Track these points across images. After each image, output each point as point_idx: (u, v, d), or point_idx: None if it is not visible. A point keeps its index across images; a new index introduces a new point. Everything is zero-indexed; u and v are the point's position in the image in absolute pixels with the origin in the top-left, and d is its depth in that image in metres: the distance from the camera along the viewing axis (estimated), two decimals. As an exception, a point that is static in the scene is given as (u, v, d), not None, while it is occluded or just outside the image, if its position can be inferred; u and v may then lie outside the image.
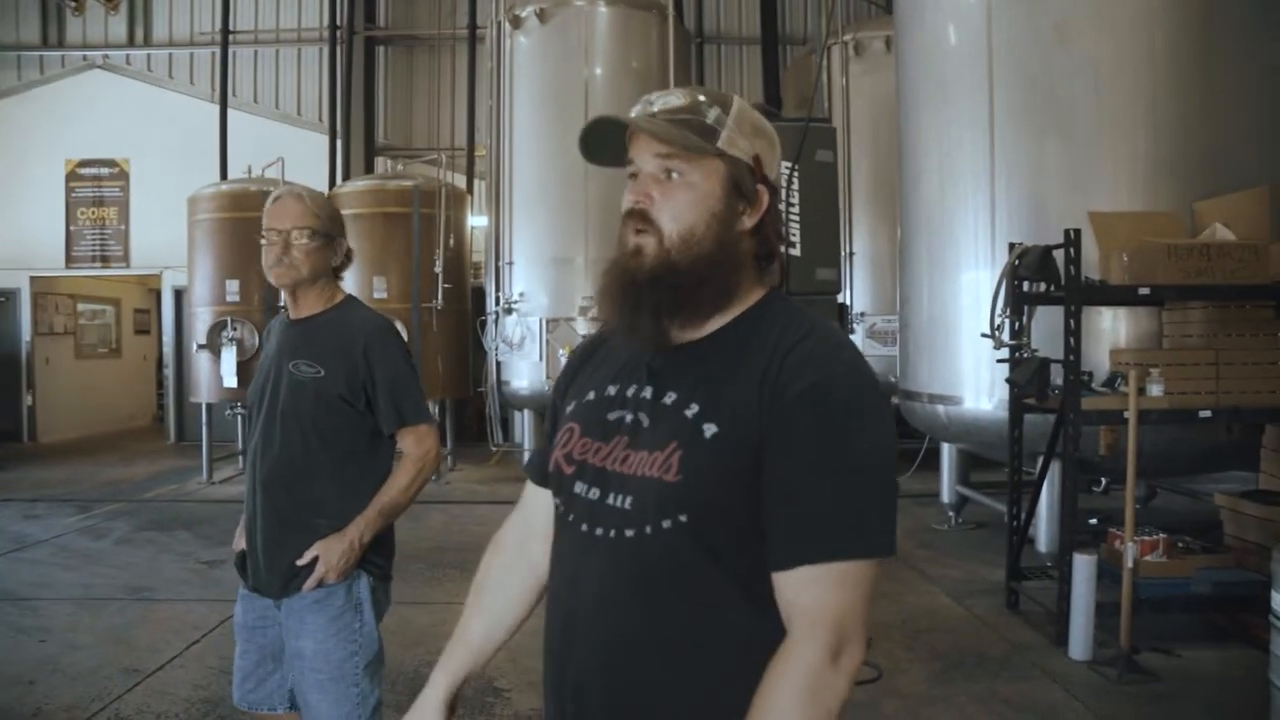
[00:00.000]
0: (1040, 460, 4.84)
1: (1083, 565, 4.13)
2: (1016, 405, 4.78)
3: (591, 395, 1.28)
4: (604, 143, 1.24)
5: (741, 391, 1.14)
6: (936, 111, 5.77)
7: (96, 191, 12.00)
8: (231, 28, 11.66)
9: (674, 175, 1.18)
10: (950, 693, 3.82)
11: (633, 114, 1.21)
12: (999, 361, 4.90)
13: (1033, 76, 5.22)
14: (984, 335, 4.79)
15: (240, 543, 2.37)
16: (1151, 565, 4.30)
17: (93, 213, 12.01)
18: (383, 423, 2.29)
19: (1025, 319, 4.68)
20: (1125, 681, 3.86)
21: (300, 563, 2.20)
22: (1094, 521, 4.98)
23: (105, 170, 11.98)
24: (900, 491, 4.89)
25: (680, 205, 1.17)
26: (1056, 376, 4.44)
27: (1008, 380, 4.70)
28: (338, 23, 11.51)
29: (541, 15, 9.10)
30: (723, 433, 1.13)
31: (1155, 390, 4.32)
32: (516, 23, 9.30)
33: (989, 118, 5.29)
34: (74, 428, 12.60)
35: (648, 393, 1.21)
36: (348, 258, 2.37)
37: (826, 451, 1.09)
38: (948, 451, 6.79)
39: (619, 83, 9.06)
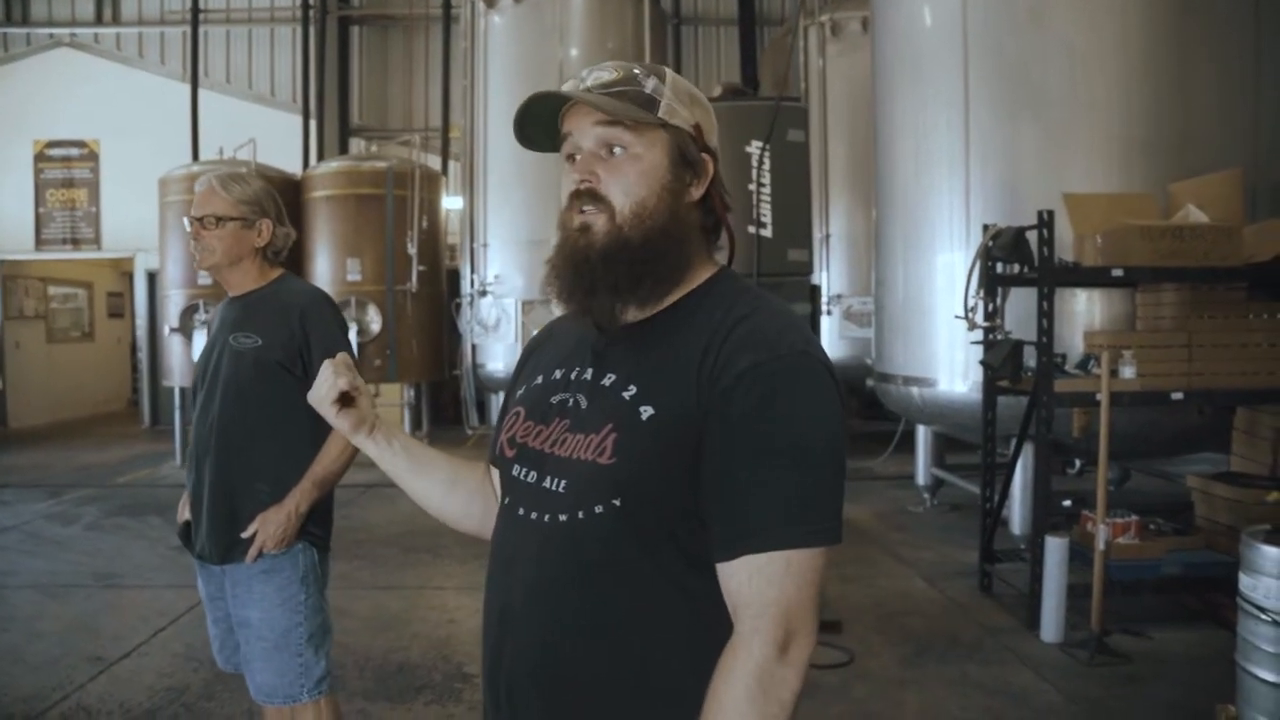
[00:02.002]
0: (1014, 442, 4.84)
1: (1055, 548, 4.14)
2: (990, 387, 4.77)
3: (539, 379, 1.25)
4: (538, 126, 1.19)
5: (680, 373, 1.10)
6: (912, 93, 5.73)
7: (66, 173, 11.79)
8: (203, 6, 11.44)
9: (616, 150, 1.13)
10: (921, 676, 3.82)
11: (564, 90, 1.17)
12: (973, 344, 4.89)
13: (1007, 59, 5.19)
14: (958, 317, 4.77)
15: (184, 513, 2.44)
16: (1123, 547, 4.31)
17: (63, 194, 11.81)
18: None
19: (999, 301, 4.67)
20: (1096, 663, 3.87)
21: (244, 535, 2.26)
22: (1067, 504, 5.00)
23: (75, 151, 11.77)
24: (875, 474, 4.89)
25: (629, 179, 1.13)
26: (1030, 359, 4.43)
27: (981, 362, 4.69)
28: (310, 2, 11.32)
29: (517, -6, 8.99)
30: (659, 415, 1.09)
31: (1128, 372, 4.32)
32: (491, 2, 9.19)
33: (964, 100, 5.26)
34: (46, 413, 12.44)
35: (588, 374, 1.18)
36: (284, 238, 2.44)
37: (766, 437, 1.04)
38: (923, 434, 6.80)
39: (595, 63, 8.94)
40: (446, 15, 11.02)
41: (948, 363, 5.58)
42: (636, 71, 1.16)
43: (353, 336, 8.96)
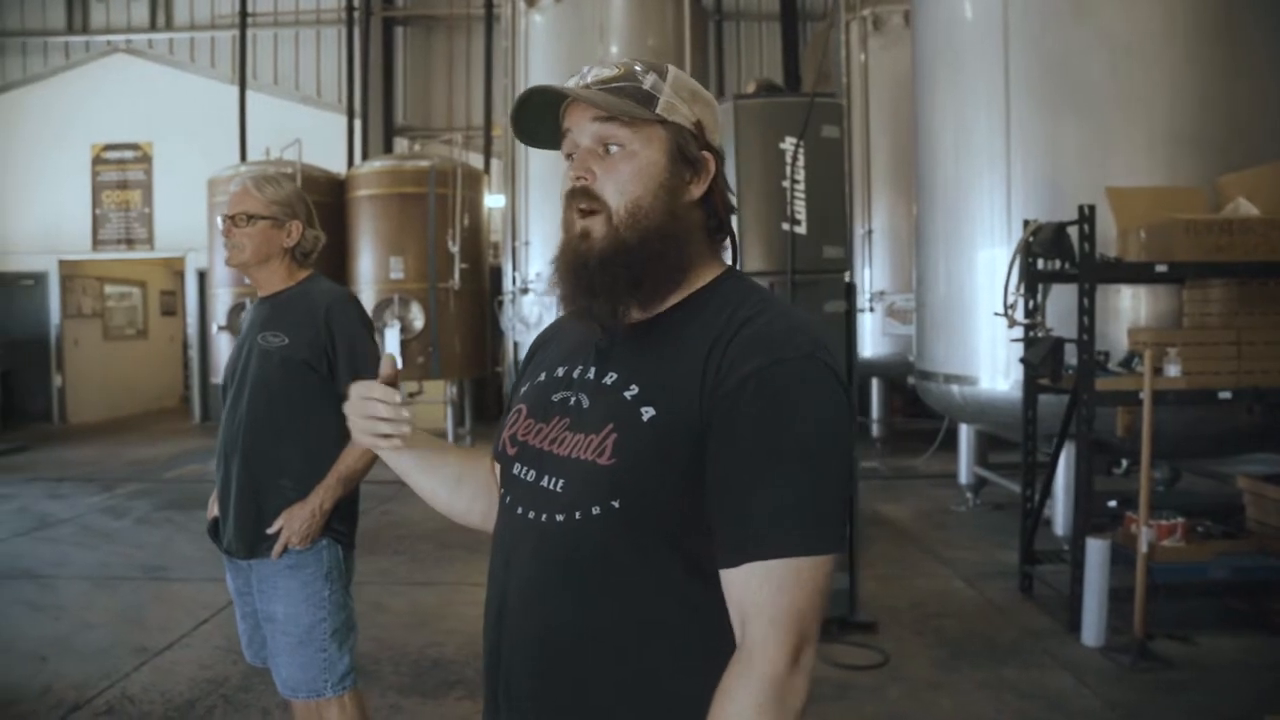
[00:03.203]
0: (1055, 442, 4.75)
1: (1096, 550, 4.05)
2: (1030, 386, 4.69)
3: (542, 376, 1.25)
4: (539, 123, 1.19)
5: (683, 375, 1.08)
6: (952, 87, 5.64)
7: (121, 175, 12.13)
8: (250, 10, 11.68)
9: (613, 148, 1.13)
10: (957, 679, 3.77)
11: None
12: (1013, 341, 4.80)
13: (1049, 52, 5.08)
14: (997, 314, 4.69)
15: (213, 509, 2.49)
16: (1168, 550, 4.20)
17: (118, 196, 12.14)
18: (341, 385, 2.36)
19: (1039, 298, 4.58)
20: (1138, 669, 3.77)
21: (269, 531, 2.30)
22: (1113, 504, 4.88)
23: (129, 154, 12.10)
24: (918, 473, 4.84)
25: (624, 177, 1.12)
26: (1071, 356, 4.34)
27: (1021, 360, 4.61)
28: (355, 3, 11.49)
29: (556, -7, 9.02)
30: (661, 417, 1.08)
31: (1173, 371, 4.21)
32: (531, 1, 9.22)
33: (1004, 94, 5.16)
34: (102, 409, 12.79)
35: (591, 373, 1.17)
36: (313, 240, 2.48)
37: (771, 442, 1.03)
38: (965, 432, 6.70)
39: (635, 61, 8.96)
40: (488, 15, 11.10)
41: (989, 360, 5.49)
42: (637, 68, 1.15)
43: (396, 334, 9.09)
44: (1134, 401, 4.06)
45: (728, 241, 1.23)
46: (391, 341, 9.09)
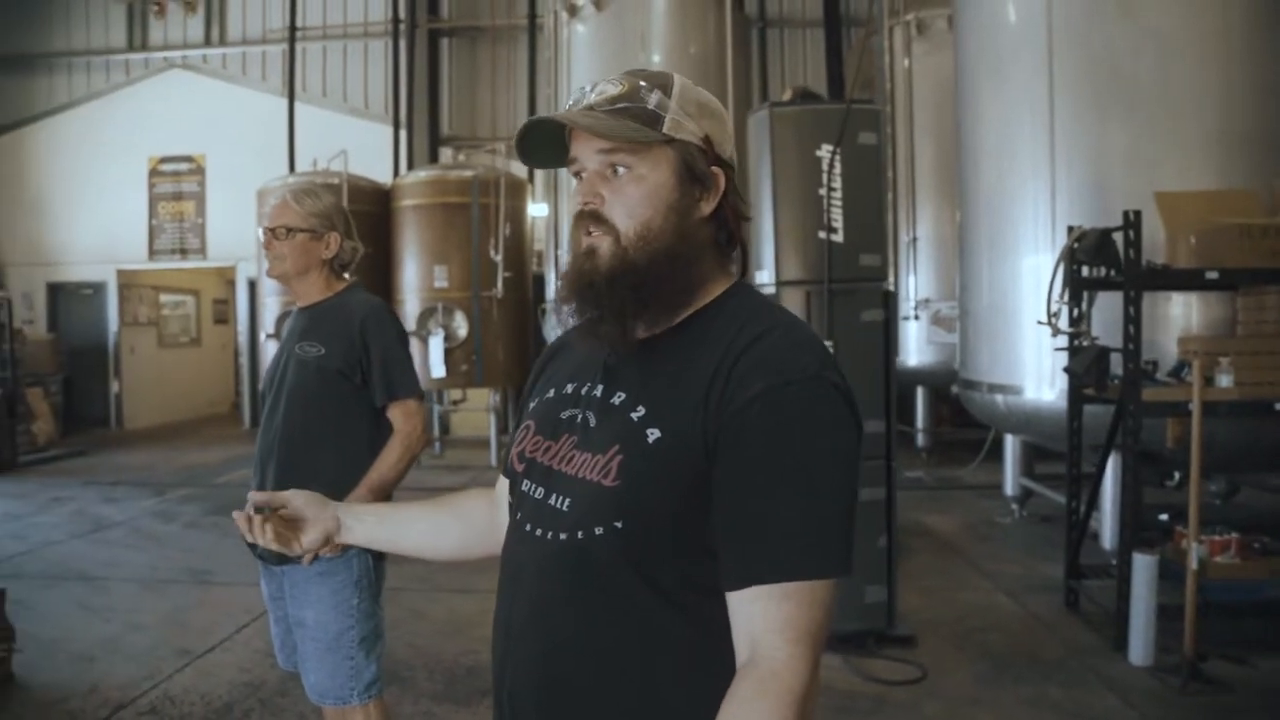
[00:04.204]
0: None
1: (1143, 565, 3.93)
2: (1075, 395, 4.57)
3: (551, 392, 1.24)
4: (544, 143, 1.17)
5: (689, 395, 1.07)
6: (994, 92, 5.55)
7: (176, 187, 12.46)
8: (300, 24, 11.92)
9: (620, 170, 1.11)
10: (997, 695, 3.68)
11: (566, 107, 1.15)
12: (1057, 350, 4.69)
13: (1095, 52, 4.97)
14: (1040, 322, 4.59)
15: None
16: (1221, 567, 4.07)
17: (173, 207, 12.47)
18: (375, 395, 2.42)
19: (1085, 305, 4.47)
20: (1190, 691, 3.63)
21: None
22: (1164, 518, 4.74)
23: (184, 166, 12.43)
24: (963, 484, 4.73)
25: (633, 201, 1.10)
26: (1118, 366, 4.23)
27: (1065, 369, 4.50)
28: (401, 16, 11.66)
29: (598, 3, 9.05)
30: (666, 438, 1.06)
31: (1224, 381, 4.08)
32: (573, 11, 9.27)
33: (1048, 97, 5.06)
34: (157, 414, 13.12)
35: (599, 391, 1.16)
36: (351, 252, 2.51)
37: (778, 465, 1.01)
38: (1011, 442, 6.57)
39: (678, 69, 8.67)
40: (532, 25, 11.19)
41: (1034, 369, 5.38)
42: (641, 84, 1.12)
43: (439, 342, 9.18)
44: (1183, 412, 3.94)
45: (739, 253, 1.22)
46: (435, 349, 9.18)
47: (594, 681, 1.08)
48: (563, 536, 1.10)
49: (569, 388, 1.21)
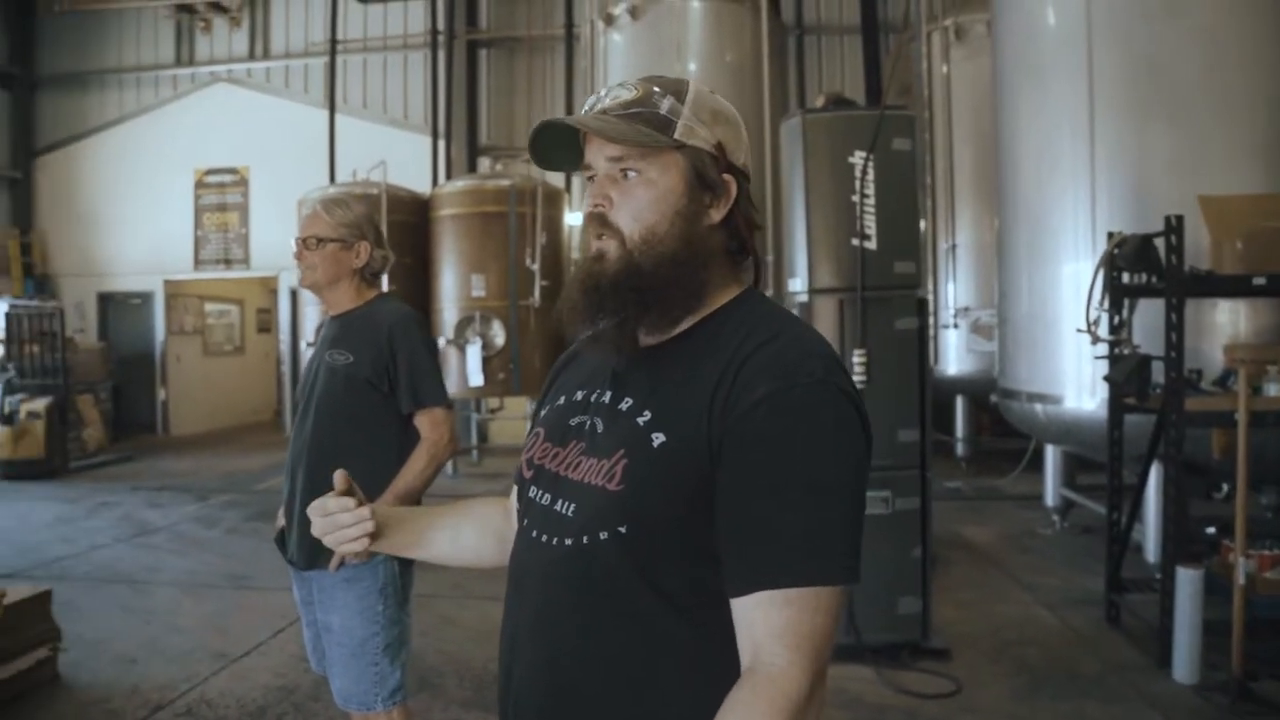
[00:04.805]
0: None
1: (1187, 580, 3.83)
2: (1116, 405, 4.48)
3: (561, 400, 1.25)
4: (558, 146, 1.18)
5: (694, 400, 1.06)
6: (1034, 95, 5.47)
7: (220, 198, 12.72)
8: (341, 37, 12.11)
9: (630, 174, 1.11)
10: (1033, 711, 3.61)
11: (582, 112, 1.15)
12: (1098, 358, 4.60)
13: (1137, 54, 4.87)
14: (1079, 330, 4.50)
15: (281, 520, 2.57)
16: (1271, 582, 3.95)
17: (217, 218, 12.72)
18: (401, 403, 2.44)
19: (1125, 313, 4.38)
20: (1238, 711, 3.51)
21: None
22: (1211, 531, 4.61)
23: (228, 177, 12.68)
24: (1003, 494, 4.63)
25: (640, 205, 1.11)
26: (1160, 374, 4.13)
27: (1105, 378, 4.41)
28: (440, 28, 11.79)
29: (634, 12, 9.09)
30: (671, 443, 1.06)
31: (1274, 389, 3.96)
32: (609, 20, 9.32)
33: (1088, 100, 4.97)
34: (202, 421, 13.36)
35: (607, 397, 1.16)
36: (382, 261, 2.54)
37: (782, 469, 1.00)
38: (1052, 452, 6.45)
39: (714, 77, 8.94)
40: (569, 35, 11.26)
41: (1074, 378, 5.28)
42: (655, 90, 1.13)
43: (477, 351, 9.24)
44: (1228, 422, 3.84)
45: (751, 263, 1.21)
46: (473, 358, 9.25)
47: (599, 689, 1.08)
48: (568, 542, 1.10)
49: (579, 395, 1.21)
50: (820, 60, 12.06)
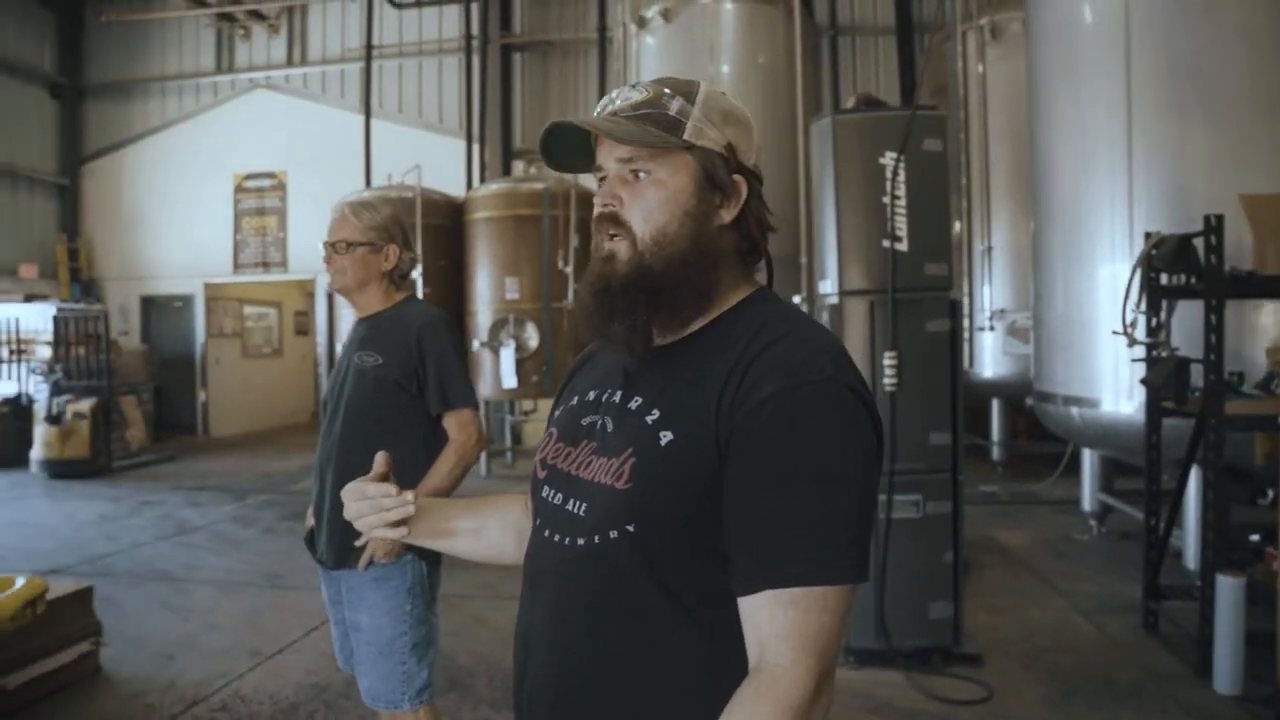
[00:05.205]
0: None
1: (1227, 588, 3.75)
2: (1154, 408, 4.39)
3: (575, 400, 1.25)
4: (571, 148, 1.18)
5: (702, 398, 1.06)
6: (1070, 94, 5.38)
7: (259, 202, 12.93)
8: (377, 43, 12.26)
9: (640, 175, 1.12)
10: (1067, 719, 3.55)
11: (595, 114, 1.16)
12: (1134, 361, 4.52)
13: (1176, 51, 4.78)
14: (1115, 332, 4.43)
15: (310, 520, 2.59)
16: (1315, 590, 3.85)
17: (256, 222, 12.93)
18: (430, 404, 2.45)
19: (1163, 314, 4.30)
20: (1283, 724, 3.46)
21: (357, 543, 2.35)
22: (1255, 538, 4.51)
23: (266, 182, 12.89)
24: (1039, 498, 4.56)
25: (650, 205, 1.11)
26: (1199, 378, 4.05)
27: (1142, 381, 4.33)
28: (474, 32, 11.89)
29: (666, 15, 9.10)
30: (678, 441, 1.06)
31: (1318, 394, 3.88)
32: (642, 23, 9.33)
33: (1126, 99, 4.89)
34: (241, 422, 13.58)
35: (618, 397, 1.16)
36: (409, 263, 2.55)
37: (788, 467, 1.00)
38: (1089, 456, 6.35)
39: (746, 79, 8.94)
40: (602, 38, 11.31)
41: (1111, 381, 5.19)
42: (665, 91, 1.13)
43: (511, 353, 9.30)
44: (1271, 427, 3.75)
45: (763, 263, 1.21)
46: (507, 361, 9.30)
47: (608, 687, 1.08)
48: (580, 542, 1.11)
49: (591, 395, 1.22)
50: (855, 61, 11.99)
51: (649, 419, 1.10)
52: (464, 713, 3.65)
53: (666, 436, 1.07)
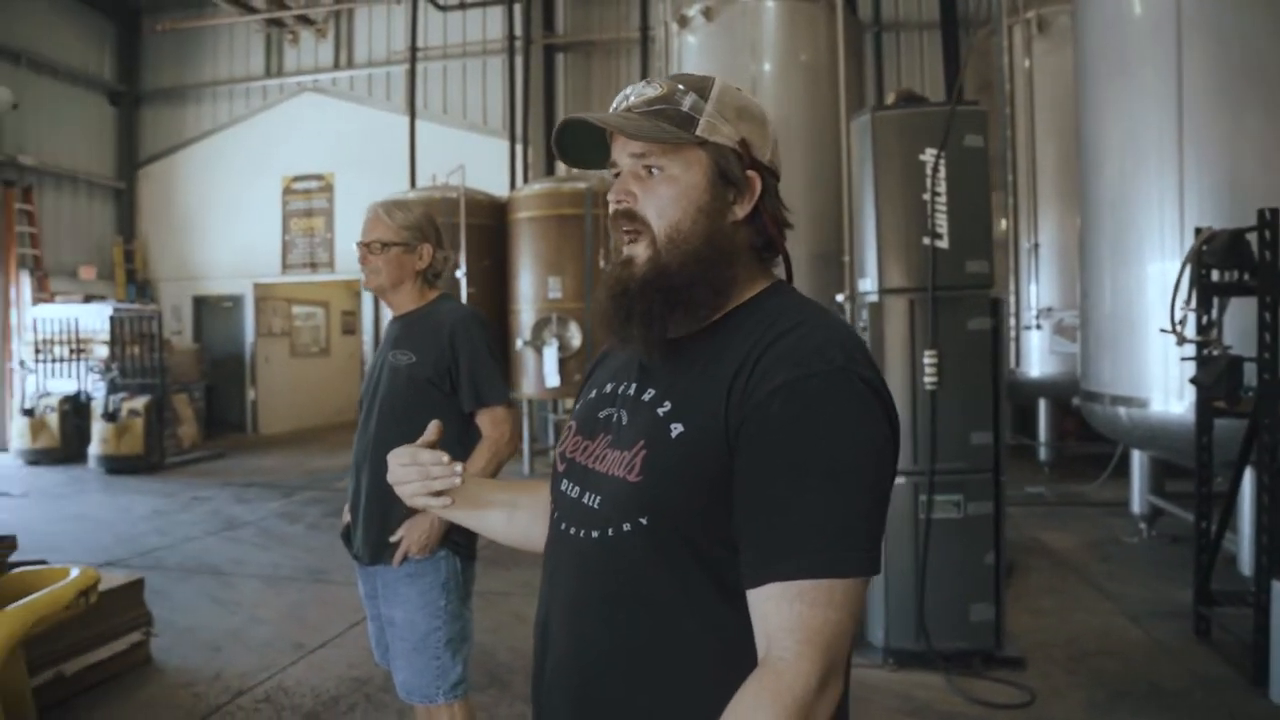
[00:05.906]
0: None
1: (1281, 593, 3.65)
2: (1204, 408, 4.29)
3: (593, 394, 1.26)
4: (587, 144, 1.19)
5: (714, 389, 1.06)
6: (1119, 88, 5.27)
7: (307, 204, 13.16)
8: (421, 45, 12.40)
9: (653, 171, 1.12)
10: (1112, 725, 3.48)
11: (610, 110, 1.16)
12: (1184, 360, 4.41)
13: (1229, 40, 4.65)
14: (1163, 331, 4.32)
15: (346, 516, 2.63)
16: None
17: (304, 223, 13.17)
18: (463, 402, 2.46)
19: (1214, 312, 4.19)
20: (1340, 733, 3.36)
21: (391, 539, 2.40)
22: (1312, 542, 4.38)
23: (314, 184, 13.12)
24: (1088, 500, 4.47)
25: (663, 201, 1.11)
26: (1252, 377, 3.95)
27: (1192, 380, 4.23)
28: (517, 33, 11.98)
29: (708, 13, 9.07)
30: (688, 433, 1.06)
31: (1377, 394, 3.75)
32: (684, 22, 9.31)
33: (1176, 91, 4.77)
34: (289, 420, 13.83)
35: (632, 389, 1.17)
36: (443, 261, 2.57)
37: (798, 458, 0.99)
38: (1138, 457, 6.21)
39: (788, 77, 8.87)
40: (644, 37, 11.32)
41: (1161, 381, 5.07)
42: (679, 88, 1.13)
43: (554, 352, 9.35)
44: (1327, 427, 3.64)
45: (780, 259, 1.20)
46: (550, 360, 9.35)
47: (623, 679, 1.08)
48: (594, 535, 1.11)
49: (608, 388, 1.22)
50: (899, 58, 11.86)
51: (661, 411, 1.10)
52: (501, 708, 3.68)
53: (677, 429, 1.07)
